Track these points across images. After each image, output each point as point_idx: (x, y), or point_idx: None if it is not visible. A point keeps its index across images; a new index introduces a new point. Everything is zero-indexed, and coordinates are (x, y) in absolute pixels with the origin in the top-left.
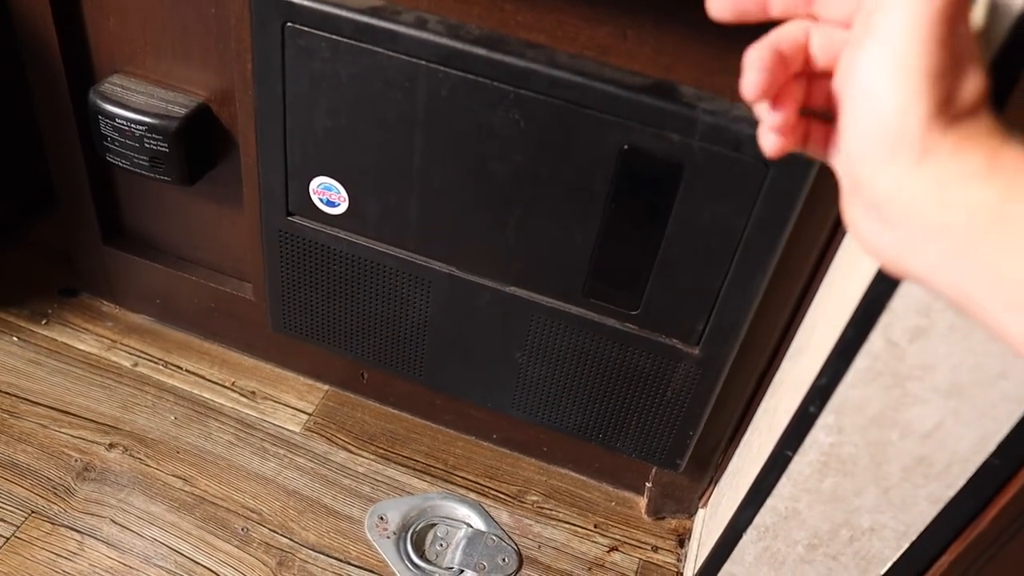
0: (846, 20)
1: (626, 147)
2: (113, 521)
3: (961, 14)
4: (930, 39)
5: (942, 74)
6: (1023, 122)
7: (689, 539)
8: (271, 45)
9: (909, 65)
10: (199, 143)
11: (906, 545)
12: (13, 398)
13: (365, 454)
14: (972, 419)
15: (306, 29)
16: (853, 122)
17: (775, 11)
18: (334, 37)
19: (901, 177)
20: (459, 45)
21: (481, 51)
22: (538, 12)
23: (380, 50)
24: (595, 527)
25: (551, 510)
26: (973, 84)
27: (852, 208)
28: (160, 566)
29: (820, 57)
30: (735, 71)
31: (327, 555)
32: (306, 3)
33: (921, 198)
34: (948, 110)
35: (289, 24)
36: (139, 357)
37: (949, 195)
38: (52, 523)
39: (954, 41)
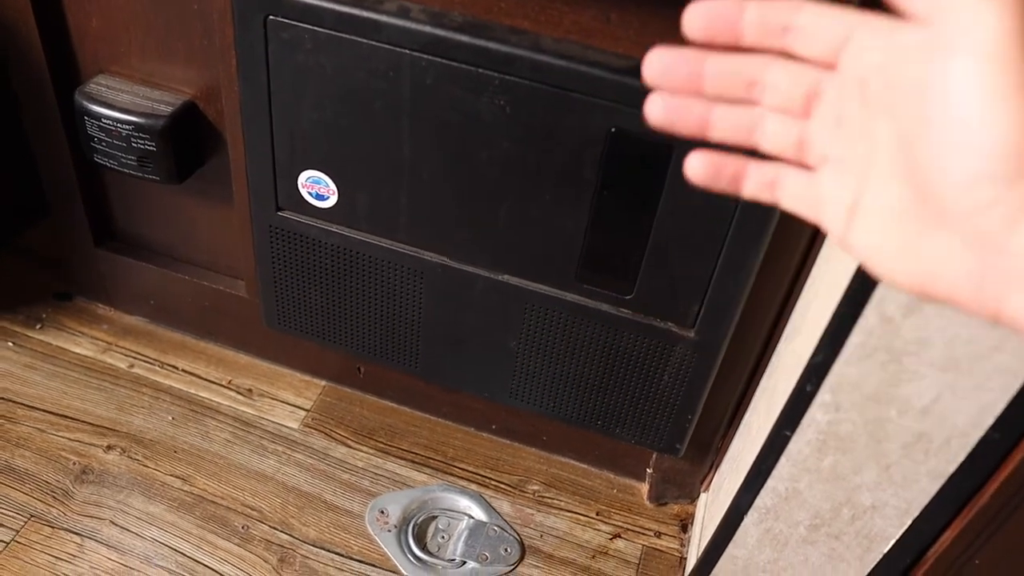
0: (825, 59)
1: (614, 130)
2: (113, 523)
3: None
4: None
5: None
6: None
7: (692, 524)
8: (254, 39)
9: (1020, 74)
10: (187, 141)
11: (908, 522)
12: (9, 403)
13: (364, 448)
14: (969, 393)
15: (288, 22)
16: (953, 148)
17: (748, 39)
18: (317, 29)
19: None
20: (442, 33)
21: (464, 38)
22: None
23: (363, 40)
24: (597, 515)
25: (552, 499)
26: None
27: (936, 242)
28: (161, 566)
29: (782, 97)
30: None
31: (328, 550)
32: None
33: None
34: None
35: (271, 17)
36: (135, 358)
37: None
38: (52, 526)
39: None
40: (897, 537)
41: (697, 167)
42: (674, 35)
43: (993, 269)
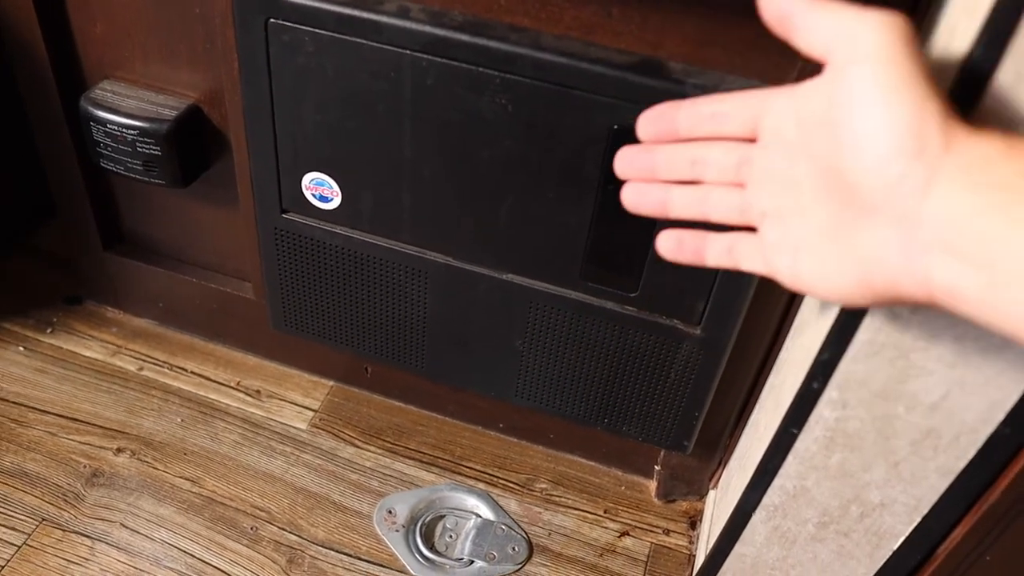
0: (748, 134)
1: (616, 127)
2: (123, 525)
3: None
4: (911, 50)
5: (930, 76)
6: None
7: (701, 521)
8: (255, 42)
9: (909, 69)
10: (191, 145)
11: (918, 519)
12: (21, 407)
13: (372, 448)
14: (979, 389)
15: (289, 24)
16: (863, 138)
17: (684, 130)
18: (317, 31)
19: (932, 167)
20: (442, 32)
21: (465, 37)
22: None
23: (364, 42)
24: (605, 512)
25: (560, 497)
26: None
27: (867, 235)
28: (171, 568)
29: (719, 169)
30: (722, 43)
31: (337, 551)
32: None
33: (953, 184)
34: (950, 106)
35: (272, 20)
36: (144, 361)
37: (977, 178)
38: (63, 530)
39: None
40: (907, 534)
41: (664, 243)
42: (675, 27)
43: (915, 242)
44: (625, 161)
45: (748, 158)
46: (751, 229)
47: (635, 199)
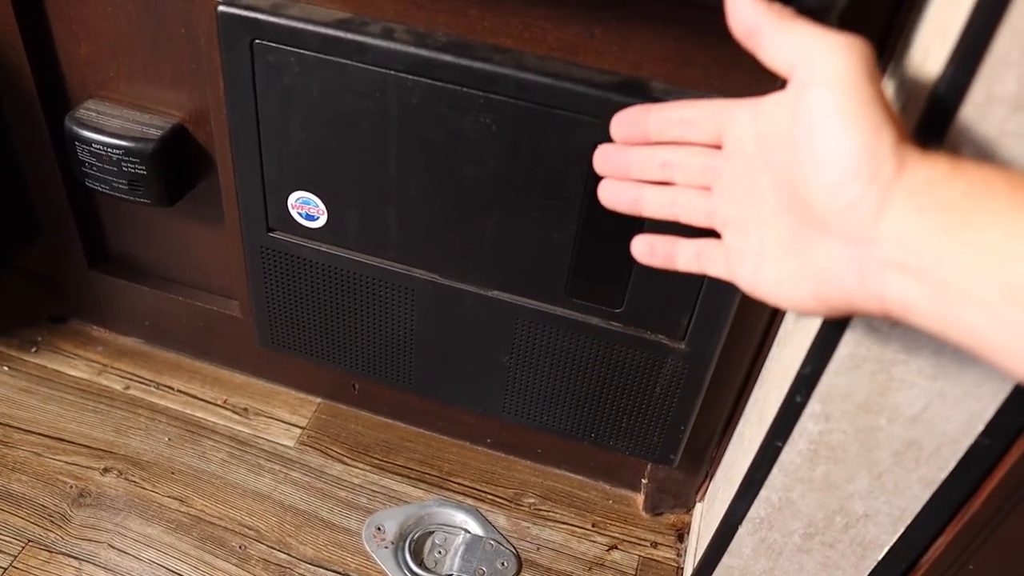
0: (713, 141)
1: (599, 145)
2: (111, 546)
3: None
4: (871, 74)
5: (886, 101)
6: None
7: (688, 533)
8: (241, 63)
9: (867, 95)
10: (177, 164)
11: (902, 529)
12: (6, 427)
13: (360, 465)
14: (958, 400)
15: (274, 45)
16: (820, 162)
17: (654, 133)
18: (303, 52)
19: (885, 192)
20: (427, 53)
21: (449, 58)
22: (504, 16)
23: (349, 62)
24: (593, 526)
25: (548, 511)
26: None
27: (823, 251)
28: None
29: (687, 172)
30: (701, 63)
31: (326, 568)
32: (273, 19)
33: (904, 207)
34: (903, 130)
35: (257, 41)
36: (130, 380)
37: (923, 201)
38: (49, 551)
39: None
40: (891, 544)
41: (638, 246)
42: (659, 48)
43: (869, 260)
44: (603, 157)
45: (714, 165)
46: (718, 235)
47: (610, 196)
